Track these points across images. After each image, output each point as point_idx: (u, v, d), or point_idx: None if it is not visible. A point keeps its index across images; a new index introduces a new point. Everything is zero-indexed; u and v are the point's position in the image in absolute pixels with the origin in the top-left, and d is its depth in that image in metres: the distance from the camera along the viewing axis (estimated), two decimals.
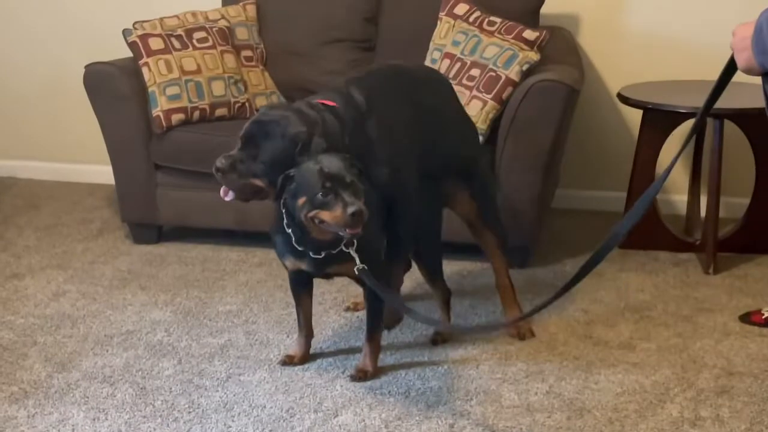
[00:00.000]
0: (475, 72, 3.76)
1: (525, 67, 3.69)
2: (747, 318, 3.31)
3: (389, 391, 2.84)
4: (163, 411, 2.74)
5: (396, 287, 3.30)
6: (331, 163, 2.62)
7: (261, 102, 4.13)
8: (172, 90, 3.93)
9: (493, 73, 3.71)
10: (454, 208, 3.21)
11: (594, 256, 2.39)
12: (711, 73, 2.27)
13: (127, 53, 4.05)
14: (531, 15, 4.12)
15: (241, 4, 4.35)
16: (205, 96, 3.98)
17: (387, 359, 3.03)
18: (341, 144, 2.75)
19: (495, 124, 3.68)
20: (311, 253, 2.75)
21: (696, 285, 3.63)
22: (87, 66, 4.02)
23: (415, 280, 3.47)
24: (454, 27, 3.96)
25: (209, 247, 4.04)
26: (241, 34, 4.26)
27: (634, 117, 4.20)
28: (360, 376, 2.90)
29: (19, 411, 2.74)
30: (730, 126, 3.81)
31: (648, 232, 3.89)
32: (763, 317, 3.28)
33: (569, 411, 2.72)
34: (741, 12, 2.69)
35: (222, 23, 4.19)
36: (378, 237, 2.86)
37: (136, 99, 3.96)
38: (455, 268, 3.46)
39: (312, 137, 2.68)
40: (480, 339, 3.15)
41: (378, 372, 2.93)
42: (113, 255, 3.99)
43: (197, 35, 4.06)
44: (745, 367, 2.98)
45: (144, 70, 3.95)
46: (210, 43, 4.06)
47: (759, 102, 3.78)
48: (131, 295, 3.57)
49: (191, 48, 4.02)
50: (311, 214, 2.63)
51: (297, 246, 2.75)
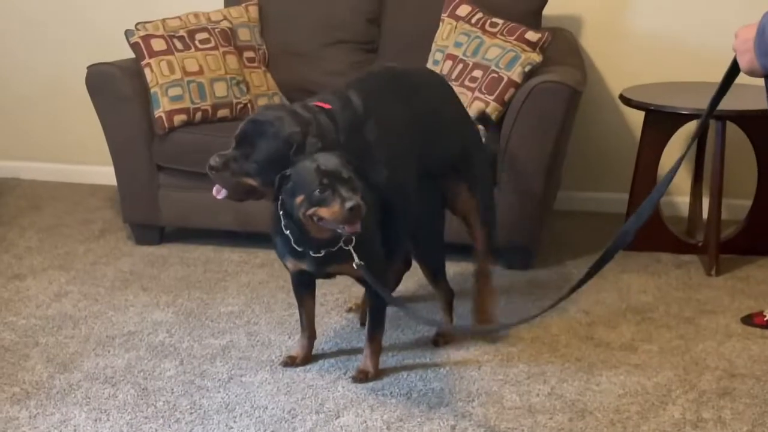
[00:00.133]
0: (478, 73, 3.76)
1: (527, 69, 3.69)
2: (749, 320, 3.31)
3: (391, 393, 2.84)
4: (165, 412, 2.74)
5: (391, 287, 3.31)
6: (328, 160, 2.63)
7: (263, 103, 4.13)
8: (174, 91, 3.93)
9: (496, 75, 3.71)
10: (452, 204, 3.20)
11: (602, 256, 2.39)
12: (713, 75, 2.27)
13: (130, 54, 4.05)
14: (533, 16, 4.12)
15: (244, 5, 4.35)
16: (207, 97, 3.98)
17: (389, 360, 3.03)
18: (336, 145, 2.75)
19: (497, 125, 3.67)
20: (311, 253, 2.75)
21: (698, 287, 3.63)
22: (89, 67, 4.02)
23: (418, 281, 3.47)
24: (456, 28, 3.97)
25: (211, 248, 4.04)
26: (244, 35, 4.26)
27: (636, 118, 4.19)
28: (361, 377, 2.90)
29: (21, 412, 2.74)
30: (732, 128, 3.80)
31: (650, 233, 3.88)
32: (765, 319, 3.27)
33: (571, 412, 2.72)
34: (743, 14, 2.69)
35: (224, 24, 4.20)
36: (376, 235, 2.86)
37: (138, 100, 3.96)
38: (457, 269, 3.45)
39: (306, 138, 2.69)
40: (482, 340, 3.15)
41: (379, 373, 2.93)
42: (115, 256, 3.99)
43: (199, 36, 4.06)
44: (747, 369, 2.97)
45: (146, 71, 3.95)
46: (212, 44, 4.06)
47: (761, 104, 3.79)
48: (133, 296, 3.57)
49: (193, 49, 4.02)
50: (309, 211, 2.63)
51: (296, 246, 2.75)
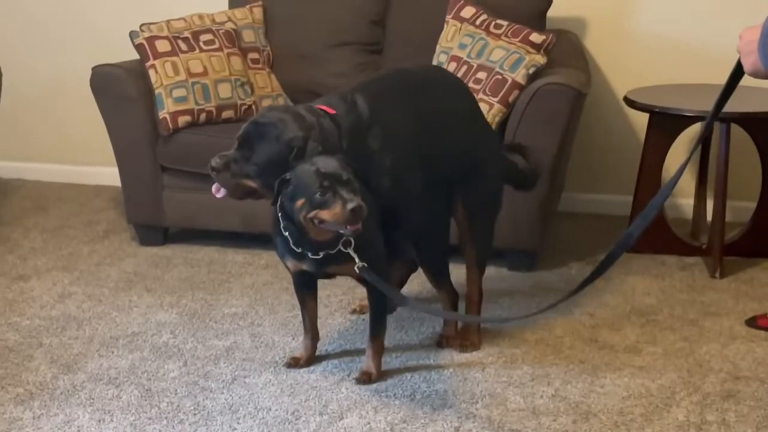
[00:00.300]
0: (482, 75, 3.76)
1: (531, 70, 3.68)
2: (753, 322, 3.30)
3: (394, 394, 2.84)
4: (169, 413, 2.74)
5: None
6: (327, 163, 2.63)
7: (267, 104, 4.12)
8: (178, 92, 3.93)
9: (500, 76, 3.71)
10: (453, 210, 3.16)
11: (606, 259, 2.38)
12: (717, 77, 2.27)
13: (133, 55, 4.06)
14: (537, 18, 4.12)
15: (248, 6, 4.36)
16: (212, 98, 3.98)
17: (392, 362, 3.03)
18: (337, 150, 2.74)
19: (501, 127, 3.68)
20: (310, 254, 2.76)
21: (702, 289, 3.63)
22: (94, 68, 4.03)
23: (422, 283, 3.46)
24: (460, 30, 3.96)
25: (215, 249, 4.04)
26: (248, 36, 4.26)
27: (640, 120, 4.19)
28: (364, 378, 2.90)
29: (25, 412, 2.74)
30: (736, 130, 3.80)
31: (654, 235, 3.88)
32: None
33: (575, 414, 2.72)
34: (747, 15, 2.69)
35: (229, 26, 4.20)
36: (376, 236, 2.86)
37: (142, 101, 3.97)
38: (462, 271, 3.43)
39: (307, 142, 2.69)
40: (485, 342, 3.15)
41: (383, 375, 2.93)
42: (119, 257, 3.99)
43: (204, 37, 4.07)
44: (752, 372, 2.97)
45: (150, 72, 3.96)
46: (216, 46, 4.06)
47: (766, 105, 3.80)
48: (137, 297, 3.57)
49: (198, 50, 4.02)
50: (311, 214, 2.63)
51: (295, 248, 2.76)
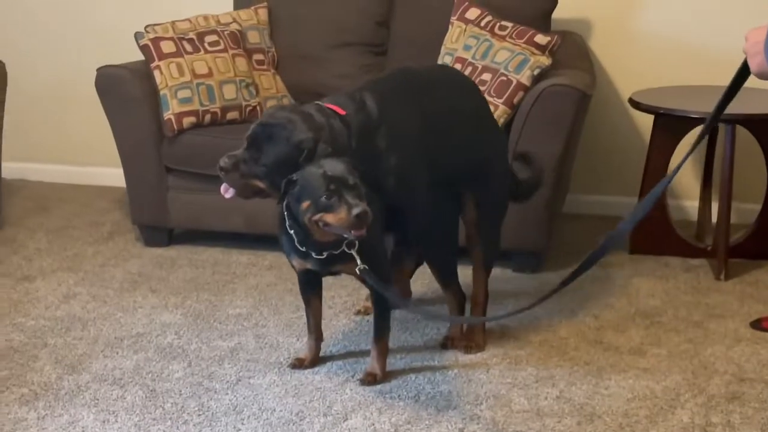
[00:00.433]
0: (486, 76, 3.75)
1: (536, 72, 3.68)
2: (758, 324, 3.30)
3: (399, 395, 2.84)
4: (173, 413, 2.74)
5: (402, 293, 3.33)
6: (334, 167, 2.63)
7: (272, 105, 4.13)
8: (183, 93, 3.93)
9: (505, 78, 3.70)
10: (461, 212, 3.17)
11: (594, 252, 2.37)
12: (723, 79, 2.26)
13: (138, 56, 4.06)
14: (542, 19, 4.11)
15: (253, 7, 4.36)
16: (217, 99, 3.98)
17: (397, 363, 3.03)
18: (347, 151, 2.74)
19: (506, 128, 3.67)
20: (314, 254, 2.76)
21: (707, 291, 3.62)
22: (99, 69, 4.03)
23: (427, 284, 3.46)
24: (465, 31, 3.96)
25: (220, 250, 4.04)
26: (253, 37, 4.27)
27: (645, 122, 4.19)
28: (369, 379, 2.90)
29: (30, 413, 2.74)
30: (741, 131, 3.80)
31: (659, 237, 3.88)
32: None
33: (579, 416, 2.71)
34: (753, 17, 2.69)
35: (234, 27, 4.20)
36: (380, 239, 2.86)
37: (147, 102, 3.97)
38: (468, 272, 3.43)
39: (317, 143, 2.69)
40: (490, 343, 3.15)
41: (387, 375, 2.93)
42: (124, 258, 4.00)
43: (209, 39, 4.07)
44: (756, 374, 2.96)
45: (155, 73, 3.96)
46: (221, 47, 4.07)
47: None
48: (141, 298, 3.57)
49: (203, 51, 4.02)
50: (316, 217, 2.64)
51: (299, 247, 2.76)
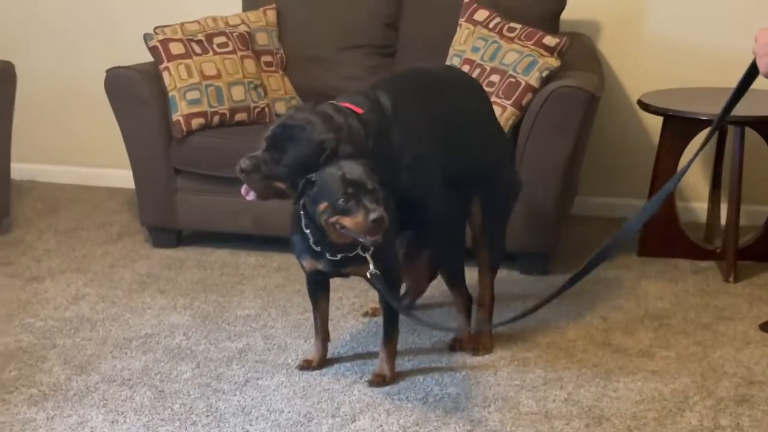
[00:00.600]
0: (495, 78, 3.75)
1: (545, 74, 3.68)
2: (767, 327, 3.29)
3: (407, 397, 2.84)
4: (182, 414, 2.74)
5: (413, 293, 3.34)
6: (353, 170, 2.62)
7: (280, 107, 4.14)
8: (192, 94, 3.94)
9: (513, 80, 3.70)
10: (467, 214, 3.17)
11: (601, 251, 2.37)
12: (732, 80, 2.26)
13: (146, 58, 4.07)
14: (551, 21, 4.11)
15: (262, 9, 4.36)
16: (225, 101, 3.99)
17: (405, 365, 3.03)
18: (365, 150, 2.74)
19: (515, 130, 3.67)
20: (328, 255, 2.76)
21: (716, 293, 3.61)
22: (108, 70, 4.04)
23: (435, 286, 3.46)
24: (473, 33, 3.96)
25: (228, 252, 4.05)
26: (261, 39, 4.27)
27: (654, 124, 4.18)
28: (378, 381, 2.90)
29: (39, 413, 2.75)
30: (751, 133, 3.78)
31: (668, 239, 3.87)
32: None
33: (588, 418, 2.71)
34: (763, 18, 2.68)
35: (242, 28, 4.21)
36: (392, 242, 2.86)
37: (156, 103, 3.98)
38: (474, 273, 3.42)
39: (339, 144, 2.68)
40: (498, 345, 3.14)
41: (396, 377, 2.93)
42: (132, 259, 4.00)
43: (217, 40, 4.07)
44: (765, 376, 2.95)
45: (164, 74, 3.97)
46: (230, 48, 4.07)
47: None
48: (150, 299, 3.58)
49: (211, 53, 4.03)
50: (332, 219, 2.64)
51: (314, 247, 2.76)
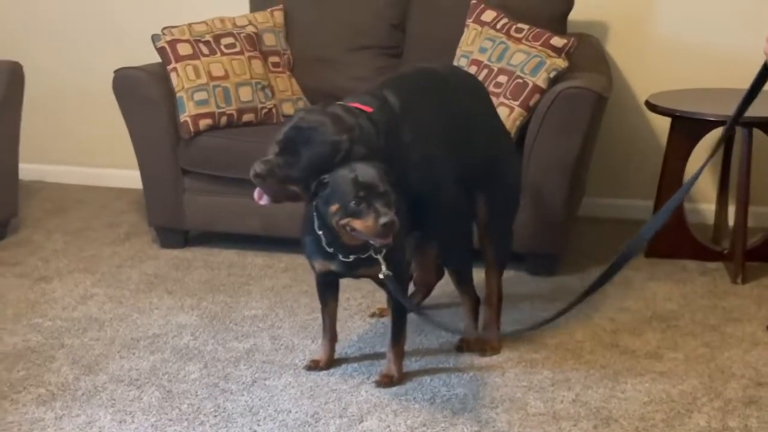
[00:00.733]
0: (502, 79, 3.75)
1: (552, 74, 3.67)
2: None
3: (414, 398, 2.84)
4: (189, 414, 2.75)
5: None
6: (366, 172, 2.62)
7: (288, 108, 4.14)
8: (199, 95, 3.95)
9: (521, 80, 3.70)
10: (473, 214, 3.16)
11: (617, 260, 2.38)
12: (741, 81, 2.26)
13: (154, 59, 4.08)
14: (558, 22, 4.11)
15: (269, 10, 4.37)
16: (233, 101, 3.99)
17: (412, 365, 3.03)
18: (378, 149, 2.74)
19: (522, 131, 3.67)
20: (340, 256, 2.76)
21: (724, 294, 3.61)
22: (116, 71, 4.05)
23: (440, 286, 3.45)
24: (481, 34, 3.96)
25: (235, 252, 4.05)
26: (269, 40, 4.28)
27: (662, 125, 4.17)
28: (385, 381, 2.90)
29: (47, 413, 2.76)
30: (759, 134, 3.77)
31: (676, 241, 3.86)
32: None
33: (596, 420, 2.71)
34: None
35: (250, 29, 4.21)
36: (403, 245, 2.86)
37: (164, 104, 3.98)
38: (482, 274, 3.43)
39: (352, 145, 2.68)
40: (505, 346, 3.14)
41: (403, 378, 2.93)
42: (140, 259, 4.01)
43: (225, 41, 4.08)
44: None
45: (172, 75, 3.97)
46: (238, 49, 4.08)
47: None
48: (158, 299, 3.58)
49: (219, 54, 4.03)
50: (343, 221, 2.64)
51: (327, 248, 2.76)
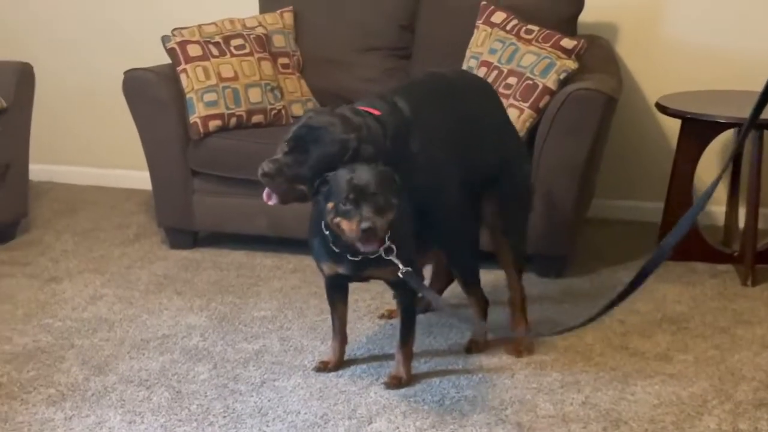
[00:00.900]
0: (512, 80, 3.75)
1: (562, 76, 3.67)
2: None
3: (423, 399, 2.84)
4: (199, 415, 2.75)
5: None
6: (362, 175, 2.62)
7: (297, 109, 4.14)
8: (209, 96, 3.95)
9: (530, 82, 3.69)
10: (481, 213, 3.15)
11: (640, 272, 2.38)
12: (751, 83, 2.25)
13: (163, 60, 4.08)
14: (568, 23, 4.10)
15: (279, 11, 4.37)
16: (242, 103, 4.00)
17: (421, 367, 3.02)
18: (385, 149, 2.74)
19: (532, 132, 3.66)
20: (348, 256, 2.76)
21: (734, 297, 3.60)
22: (126, 72, 4.05)
23: (450, 290, 3.45)
24: (491, 35, 3.96)
25: (244, 253, 4.06)
26: (278, 41, 4.28)
27: (671, 127, 4.16)
28: (394, 383, 2.90)
29: (57, 413, 2.76)
30: None
31: (686, 243, 3.81)
32: None
33: (605, 422, 2.70)
34: None
35: (259, 30, 4.22)
36: (411, 244, 2.86)
37: (173, 105, 3.99)
38: (491, 277, 3.43)
39: (361, 143, 2.68)
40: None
41: (412, 379, 2.93)
42: (149, 260, 4.02)
43: (235, 42, 4.08)
44: None
45: (182, 76, 3.98)
46: (247, 50, 4.08)
47: None
48: (167, 300, 3.59)
49: (229, 55, 4.04)
50: (335, 220, 2.65)
51: (334, 247, 2.76)
